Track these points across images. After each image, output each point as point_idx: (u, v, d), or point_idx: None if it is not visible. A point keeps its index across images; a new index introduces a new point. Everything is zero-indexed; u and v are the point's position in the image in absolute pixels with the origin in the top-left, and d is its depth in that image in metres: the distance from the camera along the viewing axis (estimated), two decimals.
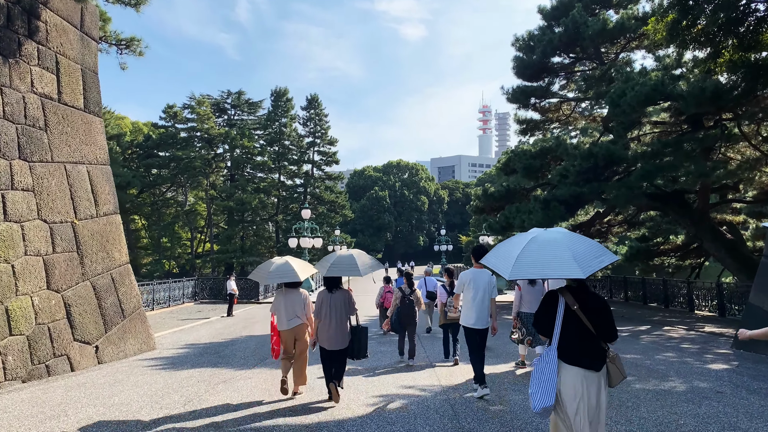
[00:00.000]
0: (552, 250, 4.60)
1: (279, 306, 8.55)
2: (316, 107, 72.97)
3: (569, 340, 4.66)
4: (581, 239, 4.83)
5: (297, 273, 8.42)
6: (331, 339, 8.04)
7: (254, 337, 16.82)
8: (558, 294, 4.80)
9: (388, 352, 13.31)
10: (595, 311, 4.71)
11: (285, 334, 8.45)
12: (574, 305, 4.65)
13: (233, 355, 13.08)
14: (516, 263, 4.57)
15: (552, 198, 22.00)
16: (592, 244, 4.81)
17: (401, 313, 11.76)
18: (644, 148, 21.54)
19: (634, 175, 20.13)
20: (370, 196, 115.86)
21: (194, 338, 16.69)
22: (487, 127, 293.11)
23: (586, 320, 4.62)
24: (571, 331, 4.67)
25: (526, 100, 26.35)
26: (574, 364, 4.61)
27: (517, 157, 26.60)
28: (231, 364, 11.94)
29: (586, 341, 4.65)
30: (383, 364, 11.72)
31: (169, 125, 70.77)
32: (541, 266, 4.54)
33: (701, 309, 24.39)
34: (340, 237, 66.74)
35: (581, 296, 4.74)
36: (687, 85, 18.59)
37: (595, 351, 4.65)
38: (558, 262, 4.48)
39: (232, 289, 24.75)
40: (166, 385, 9.63)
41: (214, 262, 69.36)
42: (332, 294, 8.15)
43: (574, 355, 4.63)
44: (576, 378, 4.59)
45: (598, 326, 4.67)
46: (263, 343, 15.28)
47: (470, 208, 31.48)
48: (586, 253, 4.58)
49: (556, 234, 4.87)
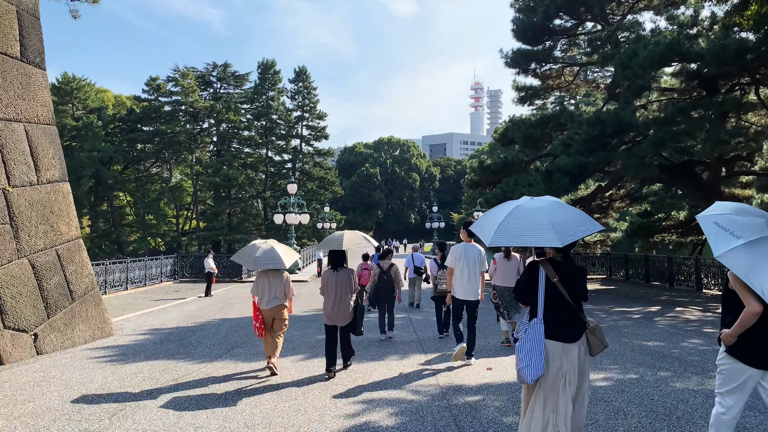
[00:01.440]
0: (533, 218, 4.55)
1: (261, 287, 8.75)
2: (305, 80, 70.62)
3: (549, 313, 4.67)
4: (565, 207, 4.74)
5: (283, 260, 8.60)
6: (335, 316, 8.44)
7: (228, 320, 15.15)
8: (539, 265, 4.77)
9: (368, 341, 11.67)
10: (574, 280, 4.74)
11: (265, 314, 8.71)
12: (554, 277, 4.66)
13: (198, 344, 11.40)
14: (497, 231, 4.55)
15: (555, 169, 20.32)
16: (575, 212, 4.73)
17: (379, 288, 11.98)
18: (656, 113, 19.84)
19: (645, 142, 18.44)
20: (360, 173, 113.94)
21: (161, 322, 14.99)
22: (478, 104, 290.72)
23: (565, 292, 4.65)
24: (551, 303, 4.69)
25: (526, 64, 24.48)
26: (553, 337, 4.62)
27: (515, 126, 24.85)
28: (192, 355, 10.26)
29: (566, 313, 4.68)
30: (369, 354, 10.11)
31: (152, 98, 68.38)
32: (519, 234, 4.51)
33: (710, 288, 22.96)
34: (329, 214, 64.93)
35: (561, 267, 4.74)
36: (707, 42, 16.85)
37: (574, 322, 4.68)
38: (537, 230, 4.44)
39: (211, 268, 23.02)
40: (103, 385, 7.95)
41: (201, 239, 67.56)
42: (337, 272, 8.54)
43: (554, 328, 4.64)
44: (555, 349, 4.61)
45: (575, 295, 4.71)
46: (236, 328, 13.62)
47: (465, 182, 29.80)
48: (568, 222, 4.51)
49: (541, 202, 4.78)
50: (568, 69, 25.85)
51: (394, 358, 9.77)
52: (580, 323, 4.71)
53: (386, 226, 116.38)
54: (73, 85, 63.40)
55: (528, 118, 24.89)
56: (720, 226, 4.41)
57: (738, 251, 4.20)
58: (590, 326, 4.74)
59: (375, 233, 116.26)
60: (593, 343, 4.75)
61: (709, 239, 4.40)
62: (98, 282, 22.61)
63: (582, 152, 20.30)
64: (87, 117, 62.34)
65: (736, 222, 4.37)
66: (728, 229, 4.35)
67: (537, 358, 4.56)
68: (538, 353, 4.57)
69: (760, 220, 4.37)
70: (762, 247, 4.19)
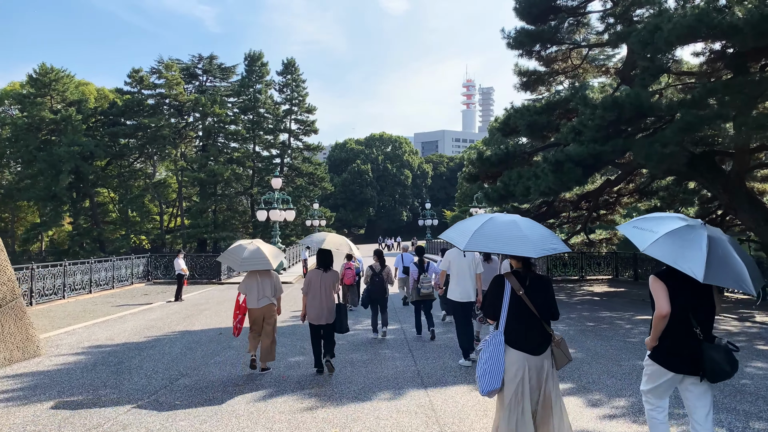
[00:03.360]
0: (508, 229, 4.70)
1: (250, 287, 8.81)
2: (293, 72, 68.16)
3: (514, 325, 4.67)
4: (538, 225, 4.94)
5: (270, 261, 8.73)
6: (320, 315, 8.49)
7: (189, 334, 12.85)
8: (504, 278, 4.79)
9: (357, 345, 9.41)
10: (539, 292, 4.74)
11: (255, 312, 8.77)
12: (520, 290, 4.68)
13: (137, 370, 9.09)
14: (472, 237, 4.70)
15: (565, 158, 18.07)
16: (547, 230, 4.95)
17: (371, 290, 11.92)
18: (681, 96, 17.66)
19: (670, 128, 16.22)
20: (351, 169, 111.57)
21: (109, 335, 12.67)
22: (471, 102, 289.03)
23: (530, 304, 4.65)
24: (516, 316, 4.68)
25: (531, 46, 22.18)
26: (517, 348, 4.62)
27: (518, 113, 22.60)
28: (120, 389, 7.94)
29: (531, 326, 4.68)
30: (355, 385, 7.86)
31: (135, 91, 65.71)
32: (495, 241, 4.65)
33: (732, 290, 20.86)
34: (318, 211, 62.60)
35: (527, 280, 4.75)
36: (745, 11, 14.66)
37: (539, 335, 4.69)
38: (512, 240, 4.58)
39: (181, 269, 20.65)
40: None
41: (185, 237, 65.01)
42: (324, 273, 8.64)
43: (518, 340, 4.64)
44: (517, 361, 4.60)
45: (542, 307, 4.72)
46: (195, 345, 11.33)
47: (462, 175, 27.64)
48: (540, 238, 4.70)
49: (514, 217, 4.93)
50: (575, 51, 23.59)
51: (385, 395, 7.51)
52: (546, 336, 4.70)
53: (378, 224, 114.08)
54: (51, 76, 60.69)
55: (532, 104, 22.68)
56: (639, 228, 4.64)
57: (661, 243, 4.33)
58: (555, 339, 4.74)
59: (366, 231, 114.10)
60: (558, 357, 4.72)
61: (632, 240, 4.56)
62: (57, 285, 20.31)
63: (596, 140, 18.08)
64: (66, 110, 59.65)
65: (651, 221, 4.64)
66: (645, 228, 4.58)
67: (494, 371, 4.56)
68: (496, 366, 4.57)
69: (673, 216, 4.66)
70: (681, 237, 4.34)
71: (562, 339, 4.78)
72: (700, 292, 4.39)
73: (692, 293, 4.38)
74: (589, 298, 20.70)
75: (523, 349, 4.61)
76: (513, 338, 4.63)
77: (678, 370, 4.40)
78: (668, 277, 4.44)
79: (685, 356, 4.36)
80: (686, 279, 4.27)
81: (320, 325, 8.56)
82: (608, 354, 10.09)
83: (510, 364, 4.60)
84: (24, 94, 59.92)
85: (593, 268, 29.76)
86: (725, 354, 4.23)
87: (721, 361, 4.20)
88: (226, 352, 10.55)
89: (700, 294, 4.40)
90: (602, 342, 11.33)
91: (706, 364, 4.24)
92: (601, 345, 10.98)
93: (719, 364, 4.19)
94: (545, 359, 4.66)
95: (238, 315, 8.88)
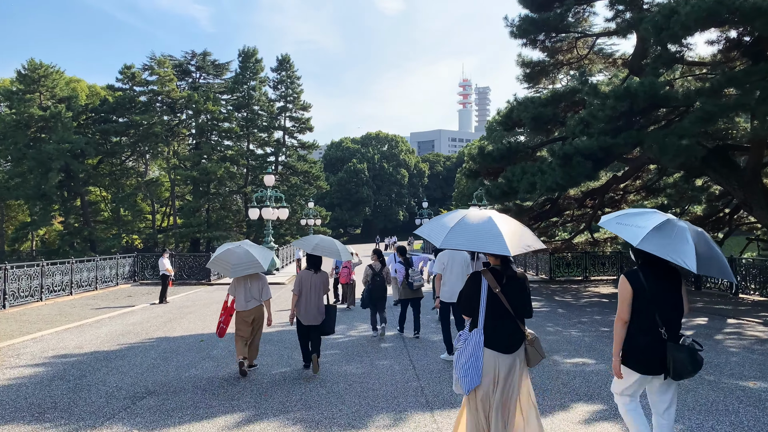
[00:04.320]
0: (484, 227, 4.57)
1: (238, 289, 8.71)
2: (288, 69, 66.92)
3: (489, 323, 4.61)
4: (513, 222, 4.83)
5: (261, 264, 8.58)
6: (309, 315, 8.47)
7: (167, 341, 11.71)
8: (481, 275, 4.72)
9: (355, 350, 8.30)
10: (516, 291, 4.69)
11: (243, 314, 8.63)
12: (497, 288, 4.62)
13: (98, 386, 7.93)
14: (449, 234, 4.57)
15: (574, 152, 16.98)
16: (523, 228, 4.84)
17: (372, 289, 11.83)
18: (699, 84, 16.60)
19: (688, 118, 15.14)
20: (347, 168, 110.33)
21: (79, 343, 11.52)
22: (467, 102, 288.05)
23: (506, 302, 4.61)
24: (491, 314, 4.62)
25: (535, 34, 21.04)
26: (491, 347, 4.57)
27: (522, 106, 21.48)
28: (71, 413, 6.77)
29: (506, 324, 4.62)
30: (348, 409, 6.74)
31: (127, 88, 64.38)
32: (471, 239, 4.55)
33: (749, 292, 19.82)
34: (314, 210, 61.38)
35: (503, 278, 4.68)
36: None
37: (513, 334, 4.63)
38: (488, 238, 4.47)
39: (166, 270, 19.47)
40: None
41: (178, 236, 63.73)
42: (314, 274, 8.60)
43: (493, 338, 4.58)
44: (490, 360, 4.55)
45: (518, 306, 4.67)
46: (170, 354, 10.18)
47: (461, 171, 26.55)
48: (517, 235, 4.59)
49: (490, 213, 4.81)
50: (581, 41, 22.49)
51: (384, 420, 6.37)
52: (520, 334, 4.66)
53: (374, 223, 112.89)
54: (40, 72, 59.33)
55: (537, 96, 21.59)
56: (623, 224, 4.58)
57: (651, 237, 4.28)
58: (529, 337, 4.70)
59: (363, 230, 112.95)
60: (531, 354, 4.69)
61: (621, 236, 4.52)
62: (33, 287, 19.10)
63: (606, 132, 17.01)
64: (55, 107, 58.28)
65: (633, 217, 4.62)
66: (630, 224, 4.52)
67: (475, 368, 4.54)
68: (476, 363, 4.54)
69: (650, 210, 4.71)
70: (668, 230, 4.34)
71: (536, 337, 4.75)
72: (669, 293, 4.48)
73: (661, 293, 4.45)
74: (597, 300, 19.62)
75: (497, 348, 4.58)
76: (489, 337, 4.59)
77: (646, 372, 4.44)
78: (637, 277, 4.49)
79: (652, 357, 4.40)
80: (656, 278, 4.45)
81: (309, 326, 8.52)
82: None
83: (484, 363, 4.57)
84: (12, 90, 58.50)
85: (597, 268, 28.68)
86: (689, 354, 4.28)
87: (684, 360, 4.26)
88: (203, 363, 9.41)
89: (669, 294, 4.48)
90: None
91: (669, 364, 4.31)
92: None
93: (682, 364, 4.26)
94: (517, 357, 4.62)
95: (223, 315, 8.84)
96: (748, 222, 29.00)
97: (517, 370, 4.60)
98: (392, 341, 11.37)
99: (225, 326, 8.82)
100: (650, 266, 4.48)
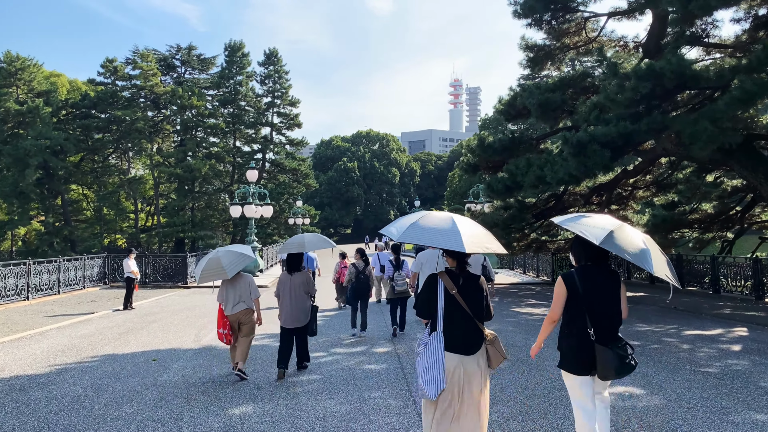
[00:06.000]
0: (442, 224, 4.58)
1: (224, 293, 8.43)
2: (276, 63, 64.74)
3: (448, 325, 4.55)
4: (474, 224, 4.80)
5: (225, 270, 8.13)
6: (292, 317, 8.38)
7: (113, 359, 9.68)
8: (437, 277, 4.70)
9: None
10: (473, 292, 4.63)
11: (230, 319, 8.35)
12: (453, 289, 4.59)
13: None
14: (406, 230, 4.61)
15: (589, 139, 15.06)
16: (484, 230, 4.82)
17: (355, 288, 11.93)
18: (732, 60, 14.75)
19: (723, 99, 13.25)
20: (338, 167, 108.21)
21: (2, 363, 9.45)
22: (458, 102, 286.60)
23: (464, 304, 4.56)
24: (450, 315, 4.57)
25: (541, 12, 19.07)
26: (452, 349, 4.51)
27: (527, 92, 19.60)
28: None
29: (465, 325, 4.57)
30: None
31: (109, 82, 62.02)
32: (429, 235, 4.54)
33: None
34: (302, 209, 59.31)
35: (460, 279, 4.65)
36: None
37: (473, 335, 4.58)
38: (446, 235, 4.46)
39: (131, 272, 17.41)
40: None
41: (161, 236, 61.45)
42: (292, 276, 8.51)
43: (453, 340, 4.52)
44: (453, 362, 4.48)
45: (475, 306, 4.60)
46: (109, 381, 8.15)
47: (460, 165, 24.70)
48: (476, 235, 4.58)
49: (453, 215, 4.80)
50: (590, 22, 20.60)
51: None
52: (479, 334, 4.61)
53: (365, 223, 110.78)
54: (17, 65, 56.90)
55: (543, 82, 19.71)
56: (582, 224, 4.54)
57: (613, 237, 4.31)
58: (489, 337, 4.65)
59: (353, 230, 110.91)
60: (492, 355, 4.63)
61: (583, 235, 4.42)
62: None
63: (624, 117, 15.15)
64: (33, 101, 55.85)
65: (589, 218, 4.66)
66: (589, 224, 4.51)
67: (438, 372, 4.44)
68: (439, 367, 4.45)
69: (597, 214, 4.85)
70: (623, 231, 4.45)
71: (495, 337, 4.69)
72: (605, 295, 4.55)
73: (596, 295, 4.52)
74: None
75: (458, 350, 4.51)
76: (448, 339, 4.52)
77: (577, 372, 4.55)
78: (573, 279, 4.58)
79: (581, 358, 4.50)
80: (594, 281, 4.56)
81: (293, 329, 8.43)
82: (693, 396, 7.06)
83: (447, 366, 4.47)
84: None
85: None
86: (615, 356, 4.35)
87: (609, 362, 4.35)
88: (144, 395, 7.38)
89: (605, 296, 4.55)
90: (669, 373, 8.30)
91: (597, 365, 4.42)
92: (671, 379, 7.96)
93: (607, 366, 4.36)
94: (479, 357, 4.56)
95: (221, 322, 8.48)
96: (760, 221, 27.40)
97: (481, 371, 4.52)
98: (386, 360, 9.37)
99: (226, 331, 8.37)
100: (591, 268, 4.62)
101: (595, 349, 4.38)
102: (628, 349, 4.44)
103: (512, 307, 17.28)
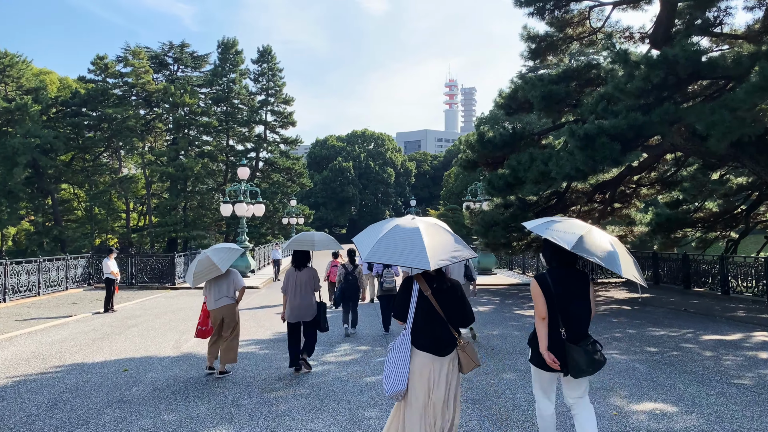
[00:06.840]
0: (409, 239, 4.52)
1: (210, 288, 8.41)
2: (269, 60, 63.75)
3: (421, 326, 4.58)
4: (442, 232, 4.75)
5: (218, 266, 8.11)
6: (297, 312, 8.35)
7: (80, 369, 8.76)
8: (413, 280, 4.72)
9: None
10: (449, 295, 4.65)
11: (213, 314, 8.38)
12: (427, 291, 4.60)
13: None
14: (374, 247, 4.55)
15: (598, 132, 14.19)
16: (450, 238, 4.72)
17: (344, 288, 11.96)
18: (750, 47, 13.91)
19: (743, 87, 12.39)
20: (333, 167, 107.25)
21: None
22: (453, 102, 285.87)
23: (437, 306, 4.58)
24: (423, 317, 4.59)
25: (545, 1, 18.19)
26: (423, 349, 4.54)
27: (529, 84, 18.71)
28: None
29: (437, 327, 4.58)
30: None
31: (100, 80, 60.92)
32: (395, 253, 4.50)
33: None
34: (296, 208, 58.36)
35: (435, 282, 4.65)
36: None
37: (445, 337, 4.58)
38: (411, 251, 4.41)
39: (111, 273, 16.46)
40: None
41: (153, 236, 60.42)
42: (299, 272, 8.46)
43: (424, 341, 4.55)
44: (424, 363, 4.51)
45: (449, 309, 4.61)
46: (69, 396, 7.22)
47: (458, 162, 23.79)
48: (442, 246, 4.52)
49: (419, 223, 4.74)
50: (595, 11, 19.74)
51: None
52: (452, 338, 4.61)
53: (360, 223, 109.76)
54: (5, 61, 55.76)
55: (546, 73, 18.85)
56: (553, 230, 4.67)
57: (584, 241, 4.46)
58: (461, 343, 4.64)
59: (348, 230, 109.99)
60: (464, 361, 4.64)
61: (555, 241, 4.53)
62: None
63: (634, 108, 14.29)
64: (21, 98, 54.72)
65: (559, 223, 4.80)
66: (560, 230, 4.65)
67: (400, 371, 4.48)
68: (403, 367, 4.48)
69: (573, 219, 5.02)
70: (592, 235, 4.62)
71: (468, 343, 4.66)
72: (575, 296, 4.67)
73: (567, 296, 4.64)
74: (617, 308, 16.94)
75: (429, 350, 4.51)
76: (420, 339, 4.54)
77: (549, 369, 4.64)
78: (545, 280, 4.72)
79: (554, 356, 4.55)
80: (564, 282, 4.68)
81: (299, 323, 8.44)
82: (735, 415, 6.18)
83: (417, 366, 4.50)
84: None
85: (605, 270, 25.99)
86: (584, 354, 4.47)
87: (579, 360, 4.46)
88: (104, 414, 6.45)
89: (575, 297, 4.66)
90: (699, 386, 7.42)
91: (568, 363, 4.51)
92: (703, 393, 7.08)
93: (578, 364, 4.46)
94: (451, 360, 4.57)
95: (202, 317, 8.66)
96: (765, 220, 26.69)
97: (449, 373, 4.52)
98: (381, 371, 8.49)
99: (203, 327, 8.55)
100: (562, 270, 4.76)
101: (566, 348, 4.51)
102: (597, 346, 4.57)
103: (515, 310, 16.42)
